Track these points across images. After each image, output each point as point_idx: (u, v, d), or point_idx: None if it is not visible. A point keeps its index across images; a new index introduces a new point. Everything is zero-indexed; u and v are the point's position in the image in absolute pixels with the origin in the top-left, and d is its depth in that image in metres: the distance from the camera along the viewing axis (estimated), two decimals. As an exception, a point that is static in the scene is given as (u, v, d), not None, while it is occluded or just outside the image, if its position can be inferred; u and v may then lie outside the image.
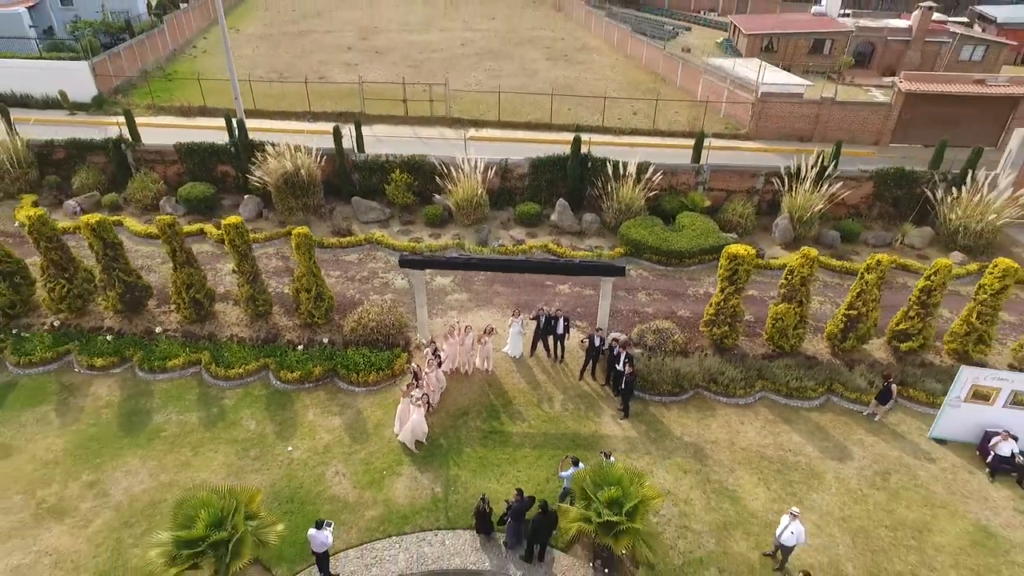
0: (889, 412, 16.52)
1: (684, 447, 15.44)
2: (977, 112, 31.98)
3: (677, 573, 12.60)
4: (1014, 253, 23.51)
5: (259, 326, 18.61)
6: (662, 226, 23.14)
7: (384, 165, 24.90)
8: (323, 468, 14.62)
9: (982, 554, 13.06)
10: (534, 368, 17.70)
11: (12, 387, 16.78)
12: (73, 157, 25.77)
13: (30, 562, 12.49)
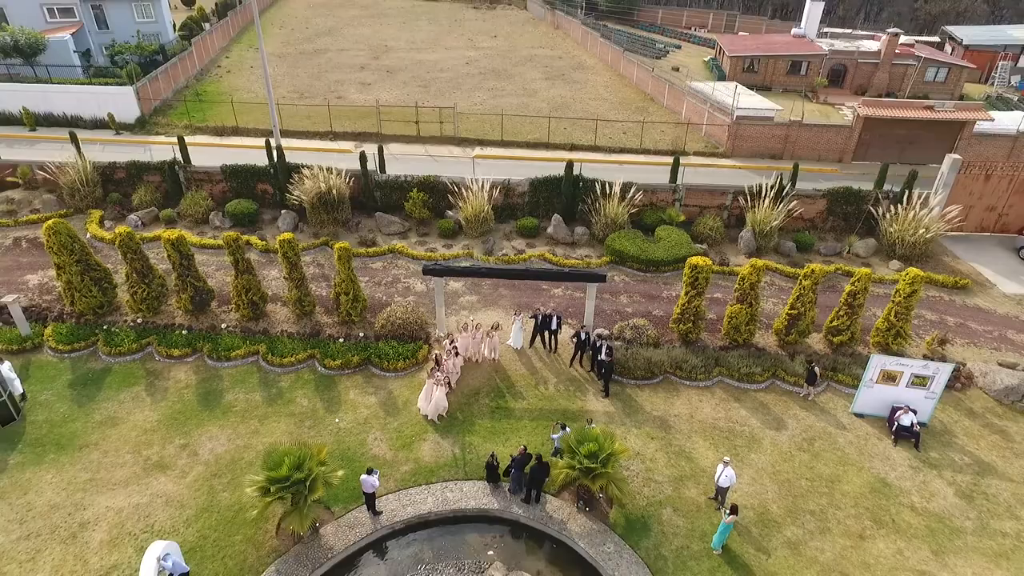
0: (820, 392, 20.37)
1: (652, 420, 19.27)
2: (928, 133, 35.86)
3: (642, 512, 16.43)
4: (944, 262, 27.38)
5: (304, 323, 22.44)
6: (643, 238, 27.00)
7: (403, 184, 28.76)
8: (364, 435, 18.46)
9: (878, 498, 16.90)
10: (532, 357, 21.55)
11: (108, 372, 20.60)
12: (132, 176, 29.61)
13: (146, 501, 16.32)
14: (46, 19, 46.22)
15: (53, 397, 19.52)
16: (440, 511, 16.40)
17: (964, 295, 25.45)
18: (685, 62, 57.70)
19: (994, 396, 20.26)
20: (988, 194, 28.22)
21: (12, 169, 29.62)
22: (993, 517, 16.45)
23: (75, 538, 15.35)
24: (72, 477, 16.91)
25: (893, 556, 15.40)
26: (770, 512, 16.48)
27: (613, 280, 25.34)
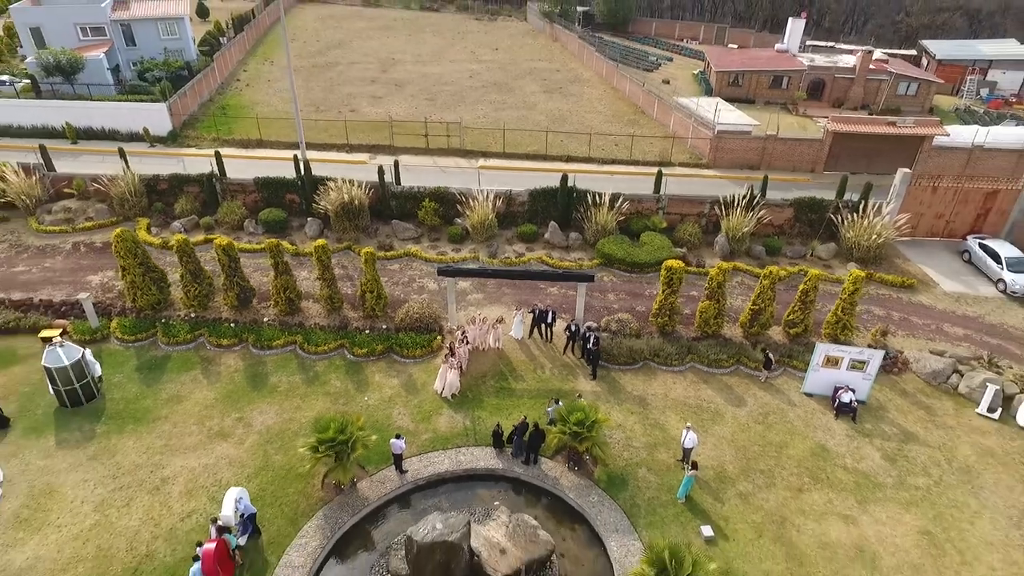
0: (777, 376, 23.88)
1: (632, 398, 22.76)
2: (892, 146, 39.34)
3: (621, 470, 19.91)
4: (896, 263, 30.91)
5: (334, 317, 25.93)
6: (629, 242, 30.51)
7: (416, 195, 32.27)
8: (390, 410, 21.95)
9: (817, 460, 20.40)
10: (531, 346, 25.05)
11: (168, 359, 24.10)
12: (174, 187, 33.11)
13: (213, 462, 19.81)
14: (79, 38, 49.69)
15: (124, 379, 23.02)
16: (455, 470, 19.89)
17: (910, 293, 28.98)
18: (676, 74, 61.32)
19: (924, 379, 23.78)
20: (936, 203, 31.73)
21: (68, 181, 33.12)
22: (909, 475, 19.96)
23: (159, 490, 18.85)
24: (150, 443, 20.41)
25: (824, 504, 18.91)
26: (727, 471, 19.98)
27: (602, 280, 28.85)
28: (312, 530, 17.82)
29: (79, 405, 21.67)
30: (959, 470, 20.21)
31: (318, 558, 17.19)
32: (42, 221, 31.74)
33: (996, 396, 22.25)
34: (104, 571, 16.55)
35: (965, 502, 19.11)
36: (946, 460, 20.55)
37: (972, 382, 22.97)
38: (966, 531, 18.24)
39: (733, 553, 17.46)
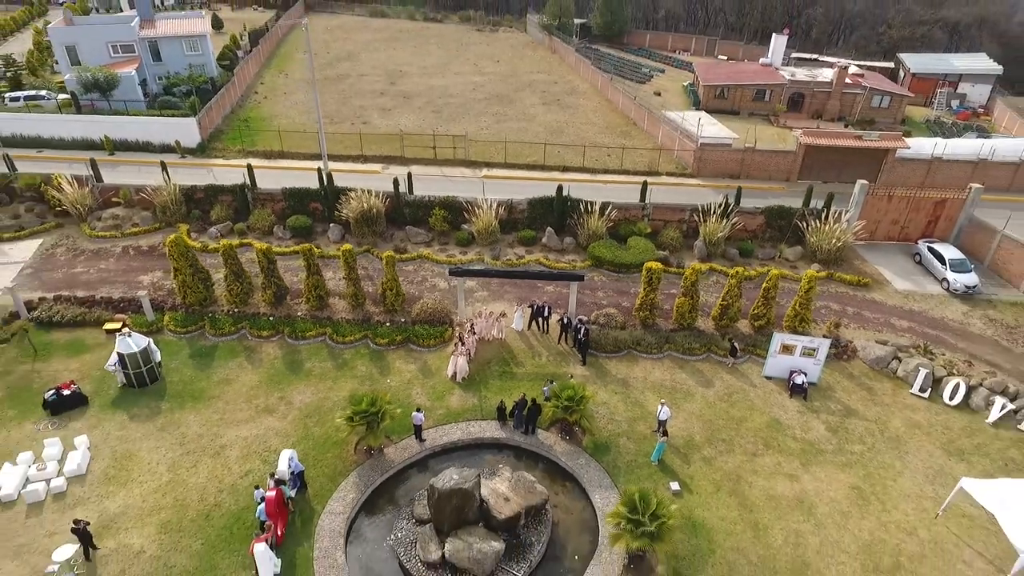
0: (742, 362, 27.64)
1: (616, 380, 26.53)
2: (860, 158, 43.11)
3: (605, 439, 23.66)
4: (854, 264, 34.71)
5: (358, 312, 29.70)
6: (617, 246, 34.28)
7: (427, 203, 36.07)
8: (409, 390, 25.71)
9: (770, 431, 24.18)
10: (530, 337, 28.84)
11: (215, 348, 27.86)
12: (209, 197, 36.89)
13: (262, 433, 23.58)
14: (110, 55, 53.48)
15: (180, 365, 26.80)
16: (465, 439, 23.67)
17: (865, 291, 32.77)
18: (667, 86, 65.13)
19: (868, 364, 27.57)
20: (891, 211, 35.52)
21: (116, 191, 36.92)
22: (847, 443, 23.75)
23: (219, 454, 22.63)
24: (207, 417, 24.20)
25: (773, 466, 22.69)
26: (694, 440, 23.76)
27: (592, 279, 32.63)
28: (348, 486, 21.60)
29: (144, 386, 25.45)
30: (889, 439, 24.00)
31: (354, 507, 20.97)
32: (94, 227, 35.54)
33: (927, 378, 26.04)
34: (181, 517, 20.33)
35: (891, 464, 22.90)
36: (879, 431, 24.35)
37: (908, 367, 26.76)
38: (889, 487, 22.02)
39: (695, 503, 21.24)
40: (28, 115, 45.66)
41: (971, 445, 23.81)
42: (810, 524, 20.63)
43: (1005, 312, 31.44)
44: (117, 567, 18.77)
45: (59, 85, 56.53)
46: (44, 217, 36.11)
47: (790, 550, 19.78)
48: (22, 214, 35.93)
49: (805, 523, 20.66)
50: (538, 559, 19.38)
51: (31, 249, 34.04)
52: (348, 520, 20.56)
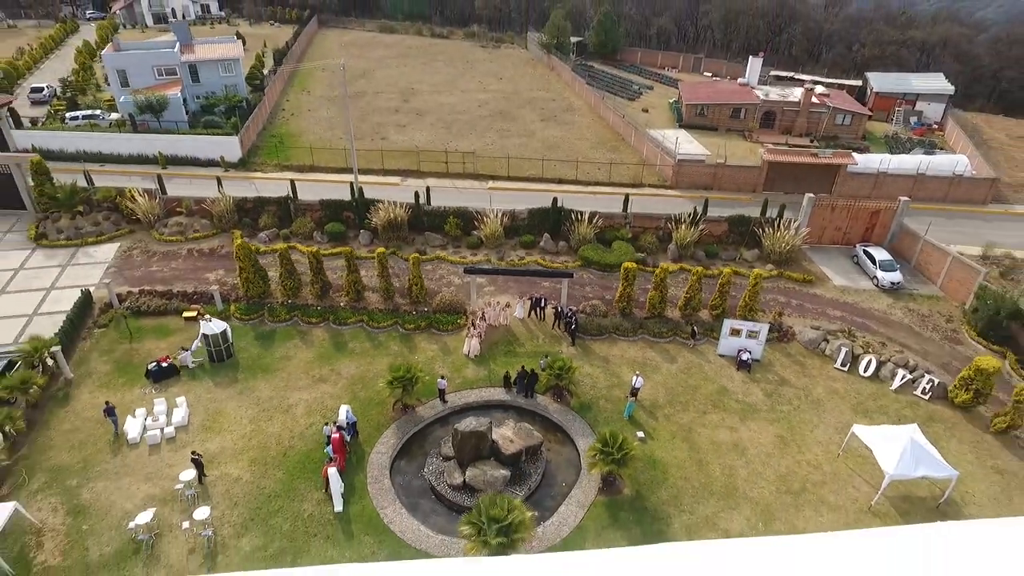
0: (700, 344, 34.16)
1: (599, 358, 33.04)
2: (816, 172, 49.65)
3: (588, 401, 30.16)
4: (802, 264, 41.24)
5: (388, 303, 36.23)
6: (603, 249, 40.79)
7: (443, 213, 42.60)
8: (433, 364, 32.21)
9: (719, 396, 30.69)
10: (529, 323, 35.36)
11: (274, 332, 34.37)
12: (257, 207, 43.42)
13: (319, 396, 30.08)
14: (155, 77, 60.05)
15: (248, 345, 33.31)
16: (478, 401, 30.19)
17: (808, 286, 39.31)
18: (655, 103, 71.69)
19: (803, 345, 34.08)
20: (835, 219, 42.06)
21: (179, 202, 43.47)
22: (778, 404, 30.27)
23: (287, 412, 29.14)
24: (275, 385, 30.72)
25: (718, 421, 29.20)
26: (658, 401, 30.28)
27: (581, 277, 39.17)
28: (390, 434, 28.13)
29: (222, 361, 31.95)
30: (812, 402, 30.53)
31: (395, 449, 27.50)
32: (161, 233, 42.08)
33: (847, 355, 32.57)
34: (265, 455, 26.85)
35: (810, 420, 29.43)
36: (805, 396, 30.88)
37: (833, 347, 33.31)
38: (806, 436, 28.55)
39: (655, 447, 27.76)
40: (93, 134, 52.27)
41: (875, 406, 30.33)
42: (742, 461, 27.16)
43: (922, 304, 38.01)
44: (223, 488, 25.29)
45: (107, 103, 63.28)
46: (119, 224, 42.64)
47: (724, 479, 26.31)
48: (101, 221, 42.46)
49: (738, 461, 27.20)
50: (535, 484, 25.89)
51: (111, 251, 40.61)
52: (391, 458, 27.08)
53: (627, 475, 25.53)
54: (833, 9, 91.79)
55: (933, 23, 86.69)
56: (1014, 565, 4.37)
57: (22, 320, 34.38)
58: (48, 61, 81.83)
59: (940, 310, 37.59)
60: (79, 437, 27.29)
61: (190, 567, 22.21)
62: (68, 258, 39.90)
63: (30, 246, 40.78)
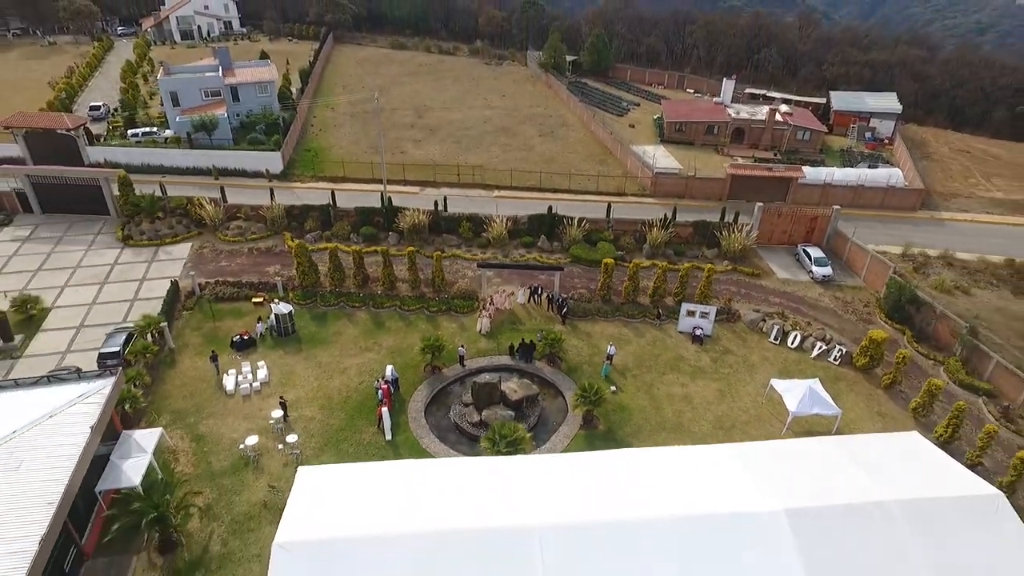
0: (665, 323, 43.04)
1: (584, 334, 41.92)
2: (773, 183, 58.54)
3: (575, 365, 38.99)
4: (753, 261, 50.14)
5: (416, 291, 45.07)
6: (589, 248, 49.64)
7: (458, 218, 51.47)
8: (453, 338, 41.08)
9: (675, 362, 39.59)
10: (528, 307, 44.24)
11: (325, 314, 43.15)
12: (303, 213, 52.25)
13: (366, 361, 38.90)
14: (202, 99, 68.91)
15: (306, 324, 42.12)
16: (489, 365, 39.04)
17: (756, 279, 48.22)
18: (640, 119, 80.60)
19: (746, 324, 42.95)
20: (781, 224, 50.97)
21: (237, 208, 52.32)
22: (721, 368, 39.15)
23: (343, 372, 37.98)
24: (331, 353, 39.56)
25: (673, 380, 38.06)
26: (628, 366, 39.15)
27: (571, 271, 48.04)
28: (423, 388, 36.96)
29: (287, 336, 40.76)
30: (748, 366, 39.39)
31: (427, 400, 36.34)
32: (225, 234, 50.92)
33: (778, 332, 41.44)
34: (330, 402, 35.64)
35: (744, 379, 38.29)
36: (742, 362, 39.75)
37: (768, 325, 42.23)
38: (740, 390, 37.40)
39: (624, 397, 36.61)
40: (156, 150, 61.10)
41: (796, 369, 39.20)
42: (688, 407, 36.05)
43: (847, 292, 46.95)
44: (301, 425, 34.13)
45: (158, 120, 72.09)
46: (189, 228, 51.48)
47: (674, 419, 35.18)
48: (174, 225, 51.29)
49: (686, 407, 36.08)
50: (533, 423, 34.74)
51: (185, 250, 49.46)
52: (424, 404, 35.92)
53: (602, 415, 34.48)
54: (806, 31, 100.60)
55: (895, 45, 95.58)
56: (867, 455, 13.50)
57: (126, 304, 43.25)
58: (94, 79, 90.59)
59: (860, 297, 46.53)
60: (189, 389, 36.17)
61: (285, 475, 31.05)
62: (152, 255, 48.76)
63: (119, 245, 49.63)
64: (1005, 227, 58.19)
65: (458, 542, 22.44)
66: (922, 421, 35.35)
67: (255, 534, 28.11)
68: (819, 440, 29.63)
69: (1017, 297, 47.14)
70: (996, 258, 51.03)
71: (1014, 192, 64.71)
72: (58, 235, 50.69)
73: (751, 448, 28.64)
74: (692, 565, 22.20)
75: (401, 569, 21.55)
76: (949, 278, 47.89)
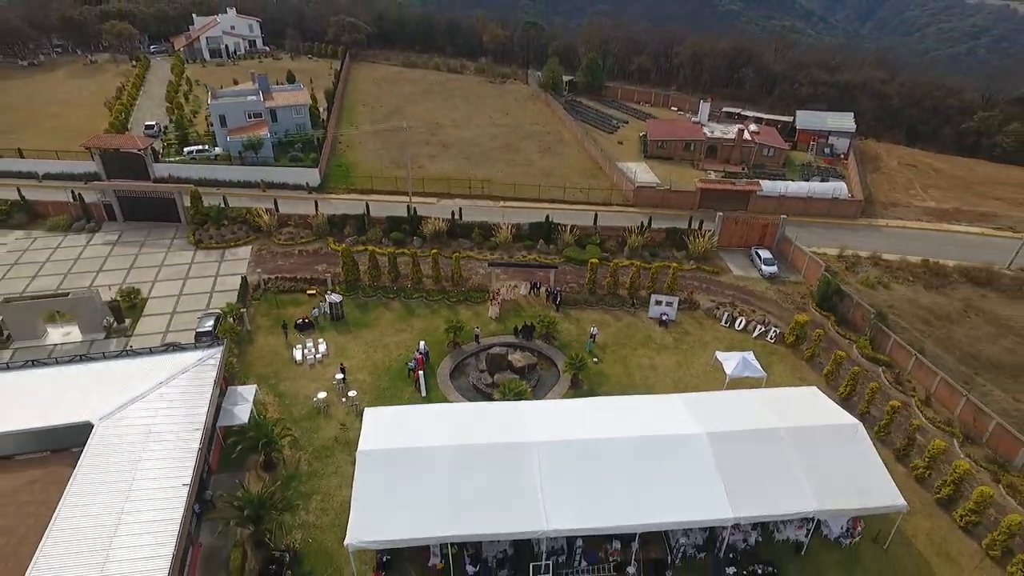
0: (638, 311, 53.70)
1: (573, 319, 52.54)
2: (735, 195, 69.14)
3: (565, 342, 49.61)
4: (715, 261, 60.81)
5: (438, 285, 55.70)
6: (579, 250, 60.28)
7: (470, 225, 62.13)
8: (469, 321, 51.70)
9: (646, 340, 50.23)
10: (529, 298, 54.87)
11: (366, 303, 53.75)
12: (342, 220, 62.88)
13: (402, 339, 49.50)
14: (246, 120, 79.54)
15: (351, 311, 52.71)
16: (498, 342, 49.69)
17: (717, 276, 58.87)
18: (628, 136, 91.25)
19: (704, 311, 53.59)
20: (738, 230, 61.60)
21: (288, 217, 62.99)
22: (681, 345, 49.81)
23: (385, 348, 48.62)
24: (374, 333, 50.18)
25: (643, 354, 48.70)
26: (608, 343, 49.79)
27: (564, 269, 58.67)
28: (447, 360, 47.58)
29: (338, 320, 51.40)
30: (702, 344, 50.02)
31: (451, 368, 46.98)
32: (278, 239, 61.57)
33: (728, 317, 52.07)
34: (377, 369, 46.25)
35: (698, 353, 48.91)
36: (698, 341, 50.40)
37: (720, 312, 52.87)
38: (693, 361, 48.03)
39: (603, 367, 47.23)
40: (216, 166, 71.81)
41: (740, 346, 49.70)
42: (653, 374, 46.67)
43: (788, 287, 57.59)
44: (357, 385, 44.71)
45: (206, 138, 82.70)
46: (248, 233, 62.14)
47: (642, 382, 45.80)
48: (236, 231, 61.97)
49: (651, 374, 46.71)
50: (533, 384, 45.36)
51: (247, 252, 60.12)
52: (449, 372, 46.55)
53: (585, 378, 45.15)
54: (781, 53, 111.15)
55: (860, 67, 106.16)
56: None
57: (206, 295, 53.91)
58: (143, 98, 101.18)
59: (799, 291, 57.19)
60: (266, 360, 46.81)
61: (348, 420, 41.59)
62: (220, 256, 59.44)
63: (192, 248, 60.30)
64: (929, 232, 68.82)
65: (479, 452, 33.21)
66: (832, 384, 45.97)
67: (331, 459, 38.76)
68: (742, 391, 40.45)
69: (927, 291, 57.81)
70: (915, 259, 61.65)
71: (945, 201, 75.30)
72: (140, 239, 61.39)
73: (691, 397, 39.35)
74: (642, 465, 32.91)
75: (439, 468, 32.23)
76: (874, 275, 58.50)
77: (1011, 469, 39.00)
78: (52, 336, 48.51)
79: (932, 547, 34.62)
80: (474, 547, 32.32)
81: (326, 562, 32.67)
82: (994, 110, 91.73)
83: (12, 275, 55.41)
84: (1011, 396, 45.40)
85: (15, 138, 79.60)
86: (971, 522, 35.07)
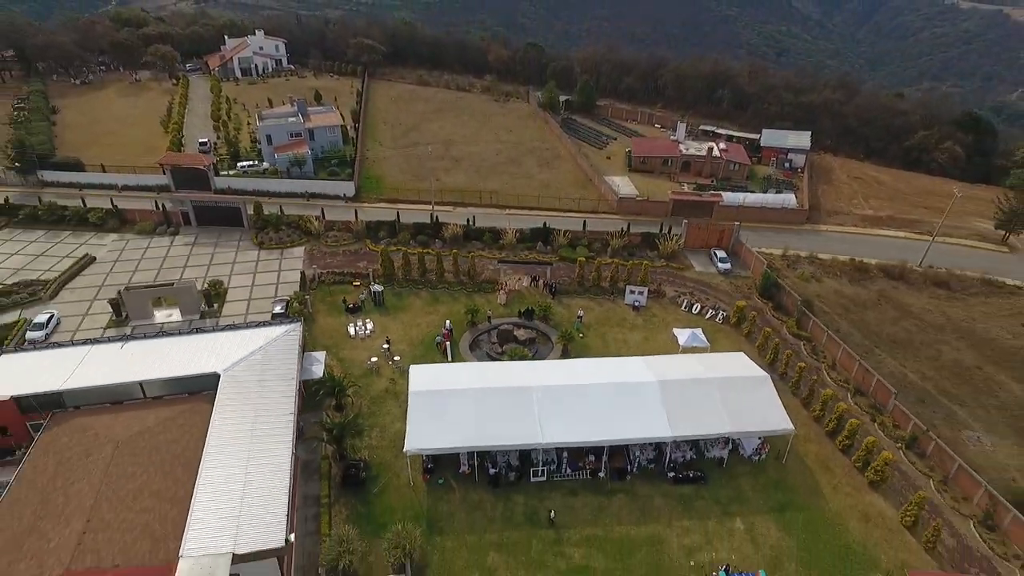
0: (615, 299, 67.58)
1: (565, 305, 66.36)
2: (702, 205, 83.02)
3: (558, 322, 63.52)
4: (682, 259, 74.74)
5: (458, 278, 69.56)
6: (571, 250, 74.14)
7: (481, 229, 76.03)
8: (483, 307, 65.54)
9: (621, 320, 64.14)
10: (531, 289, 68.75)
11: (401, 292, 67.61)
12: (378, 225, 76.73)
13: (432, 320, 63.40)
14: (288, 139, 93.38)
15: (389, 298, 66.50)
16: (506, 322, 63.57)
17: (681, 272, 72.76)
18: (616, 151, 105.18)
19: (669, 299, 67.48)
20: (700, 234, 75.47)
21: (333, 223, 76.87)
22: (648, 324, 63.70)
23: (418, 326, 62.48)
24: (409, 315, 64.02)
25: (619, 331, 62.59)
26: (591, 323, 63.67)
27: (558, 266, 72.54)
28: (467, 335, 61.45)
29: (380, 305, 65.28)
30: (664, 324, 63.87)
31: (470, 341, 60.85)
32: (326, 241, 75.44)
33: (686, 303, 66.02)
34: (414, 342, 60.10)
35: (662, 330, 62.75)
36: (661, 320, 64.27)
37: (681, 299, 66.88)
38: (657, 337, 61.88)
39: (587, 341, 61.09)
40: (259, 179, 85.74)
41: (694, 325, 63.50)
42: (625, 346, 60.53)
43: (739, 280, 71.50)
44: (399, 354, 58.54)
45: (253, 153, 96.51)
46: (301, 236, 76.00)
47: (616, 351, 59.61)
48: (291, 234, 75.84)
49: (624, 344, 60.57)
50: (533, 352, 59.20)
51: (301, 251, 74.01)
52: (468, 344, 60.43)
53: (573, 348, 59.05)
54: (754, 76, 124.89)
55: (823, 89, 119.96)
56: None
57: (272, 286, 67.80)
58: (190, 115, 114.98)
59: (747, 283, 71.05)
60: (328, 335, 60.66)
61: (395, 376, 55.42)
62: (280, 255, 73.34)
63: (256, 248, 74.21)
64: (862, 236, 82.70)
65: (495, 393, 47.12)
66: (762, 354, 59.82)
67: (384, 405, 52.68)
68: (687, 355, 54.45)
69: (851, 284, 71.68)
70: (844, 257, 75.51)
71: (882, 210, 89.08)
72: (213, 241, 75.31)
73: (650, 359, 53.24)
74: (611, 401, 46.83)
75: (466, 403, 46.13)
76: (809, 271, 72.39)
77: (884, 412, 52.92)
78: (158, 317, 62.41)
79: (818, 463, 48.52)
80: (491, 458, 46.21)
81: (388, 469, 46.60)
82: (932, 129, 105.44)
83: (117, 270, 69.37)
84: (899, 363, 59.33)
85: (84, 154, 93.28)
86: (846, 445, 48.97)
